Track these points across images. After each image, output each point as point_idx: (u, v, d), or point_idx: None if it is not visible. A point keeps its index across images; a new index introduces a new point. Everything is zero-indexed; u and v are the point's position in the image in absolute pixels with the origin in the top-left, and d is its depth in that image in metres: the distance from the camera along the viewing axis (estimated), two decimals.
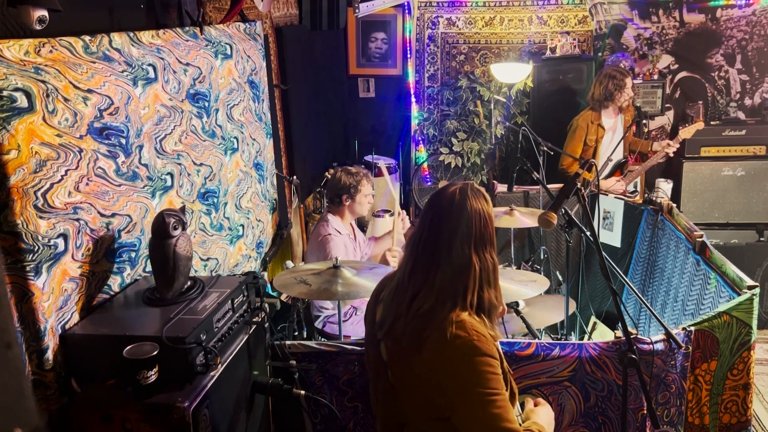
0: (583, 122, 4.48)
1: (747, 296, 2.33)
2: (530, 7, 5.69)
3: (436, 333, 1.49)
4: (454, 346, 1.47)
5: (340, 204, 3.33)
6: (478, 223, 1.57)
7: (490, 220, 1.60)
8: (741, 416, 2.40)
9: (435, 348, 1.49)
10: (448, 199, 1.60)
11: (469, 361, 1.46)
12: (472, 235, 1.56)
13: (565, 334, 2.90)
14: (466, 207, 1.57)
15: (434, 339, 1.49)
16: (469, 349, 1.46)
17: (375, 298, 1.77)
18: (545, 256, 3.84)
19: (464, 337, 1.47)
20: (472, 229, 1.56)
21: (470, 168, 5.75)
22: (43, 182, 1.67)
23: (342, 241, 3.23)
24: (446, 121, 5.78)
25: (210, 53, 2.71)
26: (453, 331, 1.47)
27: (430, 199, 1.67)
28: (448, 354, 1.47)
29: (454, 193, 1.60)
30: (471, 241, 1.55)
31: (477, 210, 1.57)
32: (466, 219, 1.56)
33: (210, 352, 1.76)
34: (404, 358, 1.56)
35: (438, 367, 1.48)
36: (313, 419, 2.30)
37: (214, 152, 2.73)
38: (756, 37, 5.35)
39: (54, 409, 1.70)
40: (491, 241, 1.60)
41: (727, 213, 5.10)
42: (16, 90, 1.58)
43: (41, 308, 1.65)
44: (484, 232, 1.58)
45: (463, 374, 1.46)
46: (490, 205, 1.63)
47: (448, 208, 1.58)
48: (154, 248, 1.89)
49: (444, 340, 1.47)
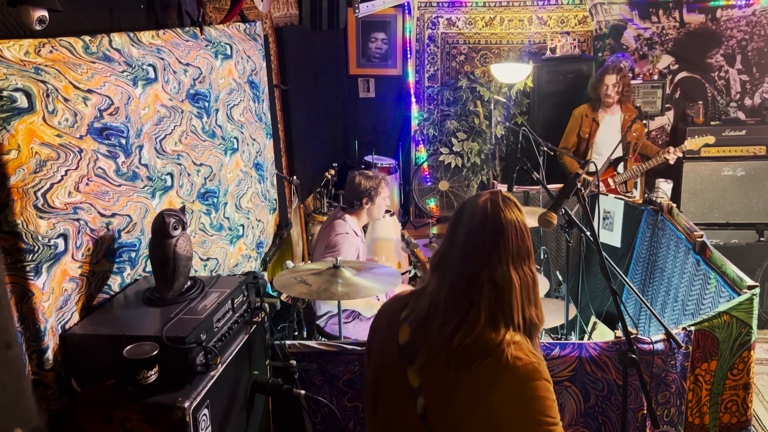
0: (578, 114, 4.64)
1: (747, 296, 2.33)
2: (530, 7, 5.69)
3: (489, 357, 1.37)
4: (514, 370, 1.35)
5: (360, 207, 3.37)
6: (515, 237, 1.44)
7: (527, 231, 1.47)
8: (741, 416, 2.40)
9: (490, 372, 1.36)
10: (480, 213, 1.46)
11: (531, 386, 1.35)
12: (510, 250, 1.43)
13: (565, 334, 2.90)
14: (502, 220, 1.44)
15: (489, 363, 1.37)
16: (531, 373, 1.35)
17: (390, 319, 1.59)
18: (545, 256, 3.84)
19: (524, 359, 1.36)
20: (510, 244, 1.43)
21: (470, 168, 5.76)
22: (43, 182, 1.67)
23: (356, 243, 3.26)
24: (446, 121, 5.79)
25: (210, 53, 2.71)
26: (513, 352, 1.36)
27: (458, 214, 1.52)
28: (507, 378, 1.35)
29: (485, 206, 1.46)
30: (510, 258, 1.43)
31: (513, 222, 1.44)
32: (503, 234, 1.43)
33: (210, 352, 1.76)
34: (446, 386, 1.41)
35: (492, 393, 1.36)
36: (313, 419, 2.30)
37: (214, 152, 2.73)
38: (756, 37, 5.35)
39: (54, 409, 1.70)
40: (529, 255, 1.47)
41: (727, 213, 5.10)
42: (16, 90, 1.58)
43: (41, 308, 1.65)
44: (522, 245, 1.45)
45: (522, 399, 1.35)
46: (523, 214, 1.49)
47: (481, 224, 1.44)
48: (154, 248, 1.89)
49: (502, 364, 1.35)
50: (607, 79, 4.42)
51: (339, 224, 3.33)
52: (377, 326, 1.66)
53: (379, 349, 1.61)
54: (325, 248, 3.25)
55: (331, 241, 3.24)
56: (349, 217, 3.37)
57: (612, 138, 4.47)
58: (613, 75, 4.42)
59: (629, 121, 4.47)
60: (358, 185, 3.37)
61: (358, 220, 3.40)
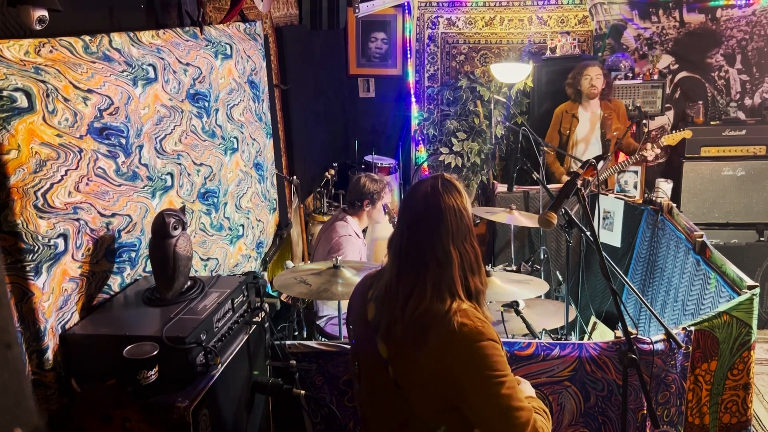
0: (559, 111, 4.68)
1: (747, 296, 2.33)
2: (530, 7, 5.69)
3: (440, 326, 1.52)
4: (461, 335, 1.50)
5: (360, 209, 3.38)
6: (454, 219, 1.59)
7: (466, 212, 1.63)
8: (741, 416, 2.40)
9: (441, 339, 1.52)
10: (422, 199, 1.62)
11: (478, 347, 1.50)
12: (449, 231, 1.58)
13: (565, 334, 2.90)
14: (440, 206, 1.59)
15: (440, 331, 1.52)
16: (476, 335, 1.50)
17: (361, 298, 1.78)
18: (545, 256, 3.84)
19: (470, 324, 1.51)
20: (449, 225, 1.59)
21: (470, 168, 5.76)
22: (43, 182, 1.67)
23: (358, 245, 3.26)
24: (446, 121, 5.78)
25: (210, 53, 2.71)
26: (459, 320, 1.51)
27: (405, 200, 1.69)
28: (456, 343, 1.50)
29: (426, 192, 1.62)
30: (449, 237, 1.58)
31: (451, 206, 1.60)
32: (442, 217, 1.59)
33: (210, 352, 1.76)
34: (408, 353, 1.58)
35: (446, 357, 1.51)
36: (313, 419, 2.30)
37: (214, 152, 2.73)
38: (756, 37, 5.35)
39: (54, 409, 1.70)
40: (469, 231, 1.63)
41: (727, 213, 5.10)
42: (16, 90, 1.58)
43: (41, 308, 1.65)
44: (461, 225, 1.60)
45: (472, 360, 1.50)
46: (463, 197, 1.64)
47: (423, 210, 1.61)
48: (154, 248, 1.89)
49: (450, 330, 1.50)
50: (590, 71, 4.45)
51: (341, 225, 3.33)
52: (352, 304, 1.84)
53: (354, 325, 1.80)
54: (329, 251, 3.25)
55: (335, 244, 3.24)
56: (350, 218, 3.37)
57: (590, 133, 4.49)
58: (595, 67, 4.47)
59: (608, 119, 4.48)
60: (362, 186, 3.39)
61: (359, 221, 3.41)
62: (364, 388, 1.78)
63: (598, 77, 4.45)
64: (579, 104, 4.57)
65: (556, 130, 4.65)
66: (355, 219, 3.39)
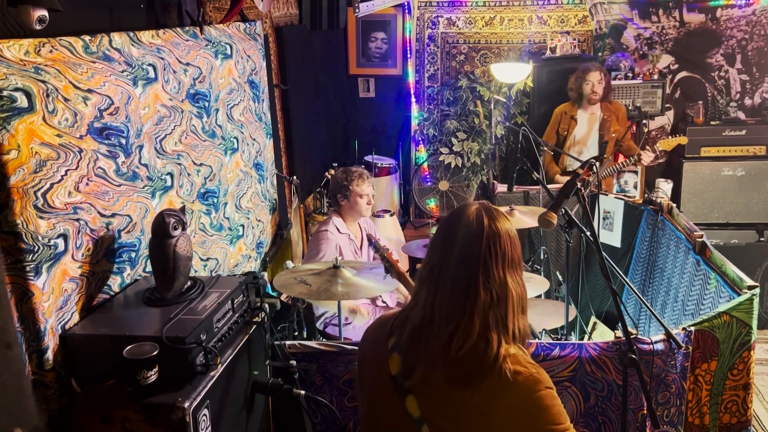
0: (558, 111, 4.67)
1: (747, 296, 2.33)
2: (530, 7, 5.69)
3: (489, 375, 1.35)
4: (516, 385, 1.33)
5: (338, 204, 3.34)
6: (509, 244, 1.43)
7: (518, 241, 1.47)
8: (741, 416, 2.40)
9: (491, 391, 1.35)
10: (476, 221, 1.44)
11: (536, 398, 1.34)
12: (506, 257, 1.42)
13: (565, 334, 2.90)
14: (494, 228, 1.43)
15: (489, 382, 1.35)
16: (532, 384, 1.34)
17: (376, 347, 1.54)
18: (545, 256, 3.84)
19: (524, 372, 1.35)
20: (506, 250, 1.42)
21: (470, 168, 5.76)
22: (43, 182, 1.67)
23: (336, 240, 3.22)
24: (446, 121, 5.79)
25: (210, 53, 2.71)
26: (511, 367, 1.34)
27: (446, 224, 1.50)
28: (510, 394, 1.34)
29: (480, 215, 1.45)
30: (506, 265, 1.41)
31: (506, 230, 1.44)
32: (499, 240, 1.42)
33: (210, 352, 1.76)
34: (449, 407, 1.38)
35: (498, 412, 1.34)
36: (313, 419, 2.30)
37: (214, 152, 2.73)
38: (756, 37, 5.35)
39: (54, 409, 1.70)
40: (521, 264, 1.47)
41: (727, 213, 5.10)
42: (16, 90, 1.58)
43: (41, 308, 1.65)
44: (514, 254, 1.44)
45: (530, 413, 1.34)
46: (512, 225, 1.49)
47: (478, 231, 1.42)
48: (154, 248, 1.89)
49: (502, 380, 1.34)
50: (592, 76, 4.44)
51: (322, 223, 3.36)
52: (364, 354, 1.62)
53: (370, 381, 1.56)
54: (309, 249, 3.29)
55: (313, 240, 3.28)
56: (335, 217, 3.36)
57: (588, 135, 4.48)
58: (596, 72, 4.45)
59: (607, 120, 4.48)
60: (334, 181, 3.37)
61: (343, 218, 3.37)
62: None
63: (599, 83, 4.44)
64: (579, 106, 4.57)
65: (554, 130, 4.66)
66: (339, 218, 3.36)
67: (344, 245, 3.25)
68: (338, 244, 3.21)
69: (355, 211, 3.34)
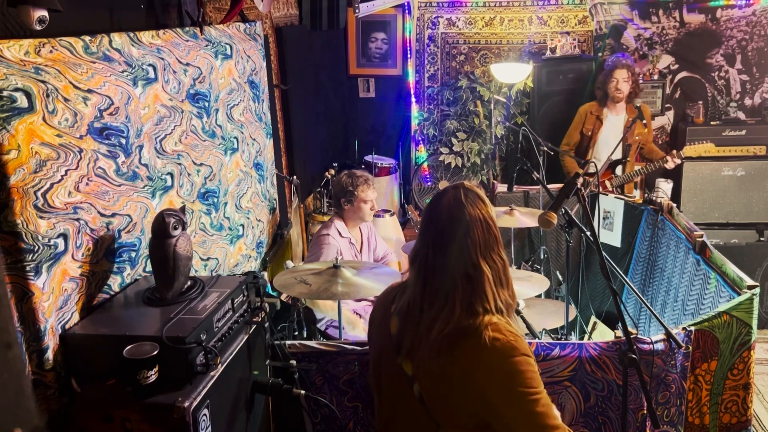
0: (583, 111, 4.64)
1: (747, 296, 2.33)
2: (530, 7, 5.69)
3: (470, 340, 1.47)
4: (494, 349, 1.44)
5: (341, 208, 3.32)
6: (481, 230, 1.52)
7: (492, 222, 1.55)
8: (741, 416, 2.40)
9: (472, 354, 1.46)
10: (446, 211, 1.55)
11: (511, 362, 1.44)
12: (477, 243, 1.51)
13: (565, 334, 2.90)
14: (465, 217, 1.52)
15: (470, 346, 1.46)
16: (509, 350, 1.45)
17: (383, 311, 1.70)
18: (545, 256, 3.84)
19: (502, 339, 1.45)
20: (477, 238, 1.51)
21: (470, 168, 5.76)
22: (43, 182, 1.67)
23: (337, 244, 3.21)
24: (446, 121, 5.79)
25: (210, 53, 2.71)
26: (490, 334, 1.45)
27: (427, 213, 1.61)
28: (487, 358, 1.45)
29: (449, 204, 1.55)
30: (478, 250, 1.51)
31: (476, 217, 1.53)
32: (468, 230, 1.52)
33: (210, 352, 1.76)
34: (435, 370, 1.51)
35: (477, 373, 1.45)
36: (313, 419, 2.30)
37: (214, 152, 2.73)
38: (756, 37, 5.35)
39: (54, 409, 1.70)
40: (497, 242, 1.56)
41: (727, 213, 5.10)
42: (16, 90, 1.58)
43: (41, 308, 1.65)
44: (488, 236, 1.53)
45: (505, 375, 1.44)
46: (488, 206, 1.57)
47: (448, 222, 1.53)
48: (154, 248, 1.89)
49: (482, 345, 1.45)
50: (618, 74, 4.40)
51: (323, 226, 3.34)
52: (374, 318, 1.78)
53: (375, 339, 1.75)
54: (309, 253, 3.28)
55: (313, 244, 3.26)
56: (337, 220, 3.34)
57: (614, 138, 4.44)
58: (623, 69, 4.41)
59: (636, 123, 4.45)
60: (338, 184, 3.33)
61: (345, 221, 3.35)
62: (386, 404, 1.70)
63: (625, 81, 4.39)
64: (605, 106, 4.53)
65: (578, 129, 4.60)
66: (341, 221, 3.34)
67: (345, 250, 3.25)
68: (339, 248, 3.20)
69: (358, 216, 3.33)
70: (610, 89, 4.44)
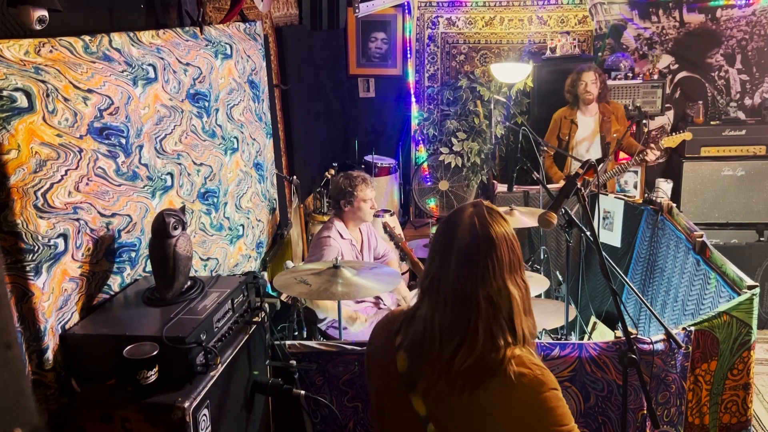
0: (557, 116, 4.65)
1: (747, 296, 2.33)
2: (530, 7, 5.69)
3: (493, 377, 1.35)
4: (520, 386, 1.33)
5: (341, 210, 3.32)
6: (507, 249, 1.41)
7: (516, 242, 1.44)
8: (741, 416, 2.40)
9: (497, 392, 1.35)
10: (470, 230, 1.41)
11: (540, 400, 1.34)
12: (504, 264, 1.40)
13: (565, 334, 2.90)
14: (492, 236, 1.40)
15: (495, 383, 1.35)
16: (537, 386, 1.34)
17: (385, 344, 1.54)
18: (545, 256, 3.84)
19: (528, 374, 1.34)
20: (504, 257, 1.40)
21: (470, 168, 5.76)
22: (43, 182, 1.67)
23: (338, 246, 3.20)
24: (446, 121, 5.79)
25: (210, 53, 2.71)
26: (515, 369, 1.34)
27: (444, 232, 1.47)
28: (514, 395, 1.34)
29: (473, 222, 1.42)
30: (504, 271, 1.40)
31: (503, 235, 1.41)
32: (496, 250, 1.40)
33: (210, 352, 1.76)
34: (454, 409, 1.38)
35: (502, 413, 1.35)
36: (313, 419, 2.30)
37: (214, 152, 2.73)
38: (756, 37, 5.35)
39: (54, 409, 1.70)
40: (521, 264, 1.45)
41: (727, 213, 5.10)
42: (16, 90, 1.58)
43: (41, 308, 1.65)
44: (513, 257, 1.42)
45: (534, 414, 1.34)
46: (509, 224, 1.46)
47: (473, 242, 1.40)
48: (154, 248, 1.89)
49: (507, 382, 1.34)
50: (585, 76, 4.43)
51: (324, 228, 3.32)
52: (372, 353, 1.62)
53: (378, 376, 1.57)
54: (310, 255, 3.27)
55: (312, 245, 3.26)
56: (337, 221, 3.33)
57: (590, 138, 4.47)
58: (590, 72, 4.44)
59: (607, 121, 4.47)
60: (336, 187, 3.33)
61: (345, 222, 3.35)
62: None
63: (593, 83, 4.42)
64: (577, 109, 4.56)
65: (555, 135, 4.63)
66: (341, 222, 3.33)
67: (346, 251, 3.24)
68: (340, 250, 3.19)
69: (359, 216, 3.33)
70: (580, 92, 4.46)
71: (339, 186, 3.30)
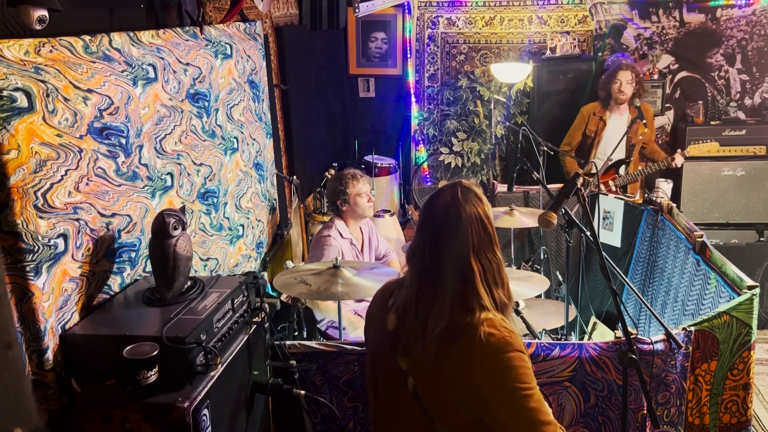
0: (586, 111, 4.60)
1: (747, 296, 2.33)
2: (530, 7, 5.69)
3: (465, 335, 1.48)
4: (488, 344, 1.46)
5: (339, 210, 3.33)
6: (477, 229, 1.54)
7: (489, 220, 1.57)
8: (741, 416, 2.40)
9: (468, 350, 1.48)
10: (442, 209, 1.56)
11: (504, 358, 1.46)
12: (471, 242, 1.53)
13: (565, 334, 2.90)
14: (462, 216, 1.53)
15: (466, 342, 1.48)
16: (503, 346, 1.46)
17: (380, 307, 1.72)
18: (545, 256, 3.84)
19: (497, 334, 1.47)
20: (471, 236, 1.53)
21: (470, 168, 5.76)
22: (43, 182, 1.67)
23: (338, 246, 3.20)
24: (446, 121, 5.79)
25: (210, 53, 2.71)
26: (485, 329, 1.47)
27: (424, 210, 1.63)
28: (482, 353, 1.46)
29: (446, 202, 1.56)
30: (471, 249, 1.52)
31: (472, 215, 1.54)
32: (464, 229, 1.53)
33: (210, 352, 1.76)
34: (430, 364, 1.52)
35: (471, 368, 1.47)
36: (313, 419, 2.30)
37: (214, 152, 2.73)
38: (756, 37, 5.35)
39: (54, 409, 1.70)
40: (492, 241, 1.56)
41: (727, 213, 5.09)
42: (16, 90, 1.58)
43: (41, 308, 1.65)
44: (483, 235, 1.54)
45: (498, 371, 1.46)
46: (485, 204, 1.58)
47: (443, 222, 1.55)
48: (154, 248, 1.89)
49: (476, 340, 1.46)
50: (621, 75, 4.35)
51: (324, 227, 3.33)
52: (371, 313, 1.80)
53: (372, 335, 1.77)
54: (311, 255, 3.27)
55: (315, 246, 3.26)
56: (337, 221, 3.34)
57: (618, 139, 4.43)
58: (627, 71, 4.37)
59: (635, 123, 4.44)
60: (329, 189, 3.36)
61: (346, 221, 3.35)
62: (382, 401, 1.71)
63: (628, 83, 4.34)
64: (607, 107, 4.49)
65: (581, 130, 4.56)
66: (341, 221, 3.34)
67: (346, 251, 3.24)
68: (341, 249, 3.19)
69: (358, 213, 3.32)
70: (614, 90, 4.40)
71: (331, 187, 3.33)
